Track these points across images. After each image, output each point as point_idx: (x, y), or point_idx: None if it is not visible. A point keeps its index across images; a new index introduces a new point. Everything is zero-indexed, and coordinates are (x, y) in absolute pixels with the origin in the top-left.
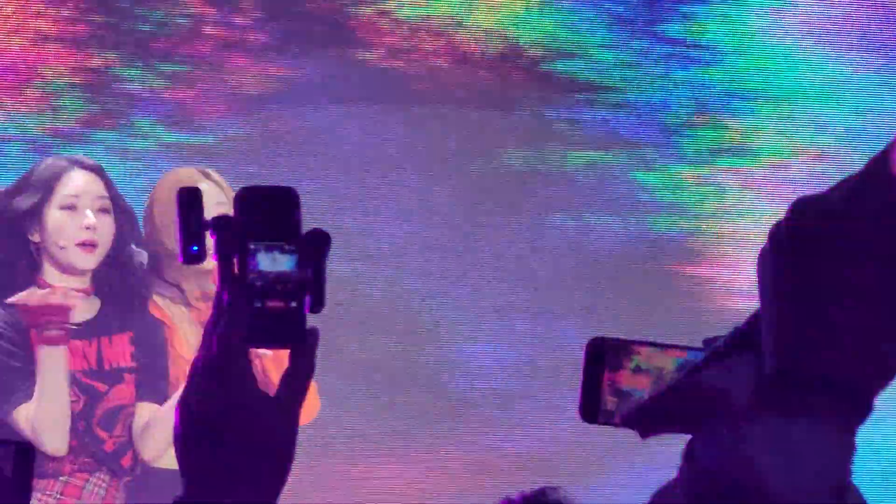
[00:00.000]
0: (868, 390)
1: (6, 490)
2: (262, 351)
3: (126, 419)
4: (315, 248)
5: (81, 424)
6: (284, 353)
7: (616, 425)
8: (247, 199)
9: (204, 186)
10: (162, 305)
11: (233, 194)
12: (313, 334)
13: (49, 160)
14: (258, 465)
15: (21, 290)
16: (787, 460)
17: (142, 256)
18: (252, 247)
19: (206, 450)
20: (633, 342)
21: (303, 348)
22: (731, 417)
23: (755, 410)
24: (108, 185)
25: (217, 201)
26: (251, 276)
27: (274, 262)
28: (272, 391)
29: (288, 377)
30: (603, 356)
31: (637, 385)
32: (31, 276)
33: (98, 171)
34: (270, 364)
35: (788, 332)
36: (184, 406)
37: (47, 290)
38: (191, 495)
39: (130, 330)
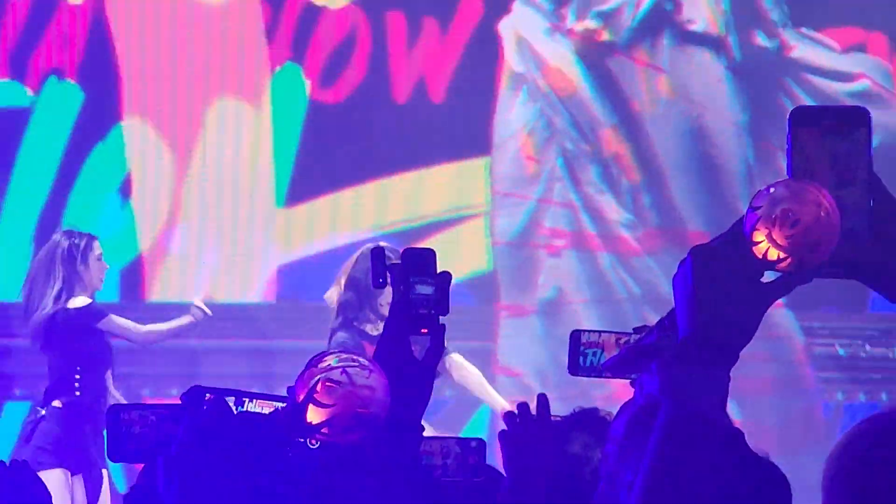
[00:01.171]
0: (736, 348)
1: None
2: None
3: None
4: (443, 281)
5: None
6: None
7: (590, 375)
8: (407, 254)
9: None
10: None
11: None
12: (443, 327)
13: None
14: (413, 393)
15: None
16: (693, 386)
17: None
18: (412, 280)
19: (394, 380)
20: (597, 330)
21: (436, 334)
22: (663, 364)
23: (676, 360)
24: None
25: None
26: (412, 295)
27: (423, 288)
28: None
29: (428, 350)
30: (580, 336)
31: (599, 348)
32: None
33: None
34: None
35: (693, 317)
36: (378, 360)
37: None
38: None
39: None
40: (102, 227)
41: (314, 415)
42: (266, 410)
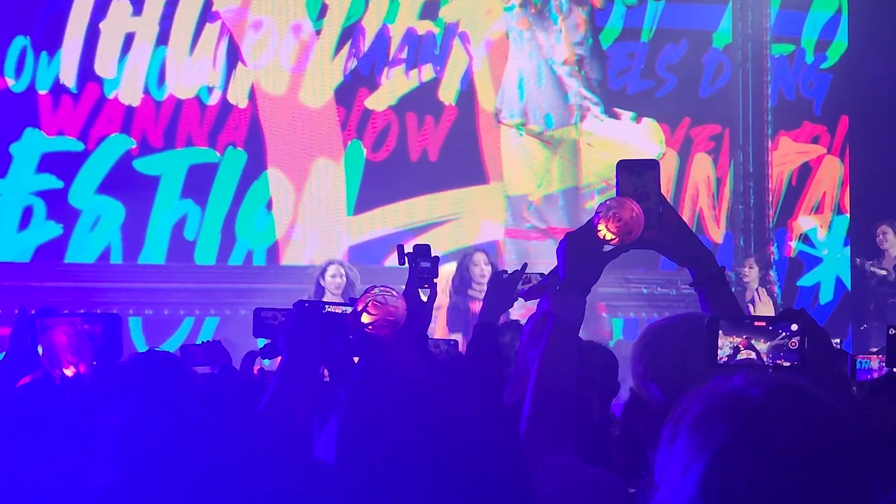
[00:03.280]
0: (589, 286)
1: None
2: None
3: None
4: (434, 260)
5: None
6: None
7: (517, 296)
8: (416, 247)
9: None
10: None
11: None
12: (435, 284)
13: None
14: (420, 316)
15: None
16: (566, 307)
17: None
18: (418, 260)
19: (411, 308)
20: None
21: (432, 287)
22: (552, 293)
23: (558, 291)
24: None
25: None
26: (418, 268)
27: (424, 263)
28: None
29: (428, 296)
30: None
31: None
32: None
33: None
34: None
35: (566, 269)
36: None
37: None
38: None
39: None
40: (257, 227)
41: (365, 318)
42: (340, 311)
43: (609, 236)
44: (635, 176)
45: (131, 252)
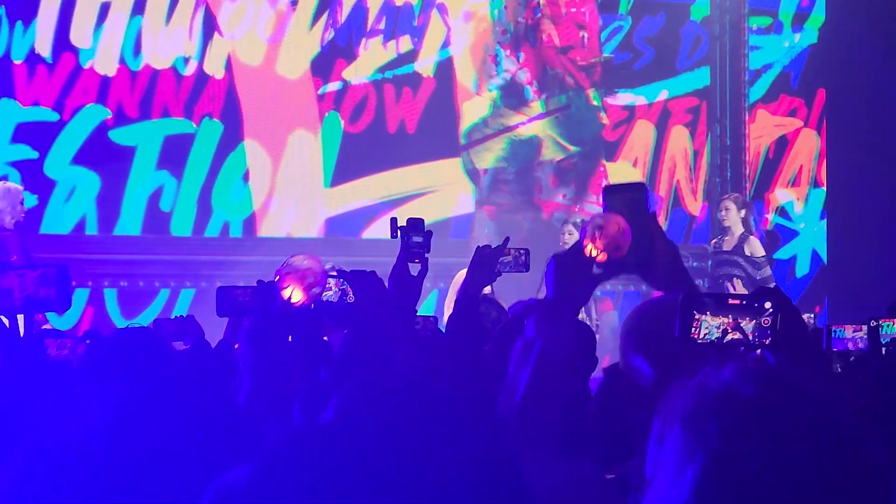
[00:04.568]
0: (578, 308)
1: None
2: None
3: None
4: (427, 235)
5: None
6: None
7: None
8: (409, 220)
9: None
10: None
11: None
12: (426, 259)
13: None
14: (410, 291)
15: None
16: (554, 329)
17: None
18: (411, 234)
19: (400, 285)
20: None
21: (423, 263)
22: (539, 313)
23: (546, 311)
24: None
25: None
26: (410, 242)
27: (416, 238)
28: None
29: (419, 271)
30: None
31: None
32: None
33: None
34: None
35: (555, 290)
36: (393, 275)
37: None
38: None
39: None
40: (233, 198)
41: (294, 294)
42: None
43: (596, 253)
44: (621, 199)
45: (107, 223)
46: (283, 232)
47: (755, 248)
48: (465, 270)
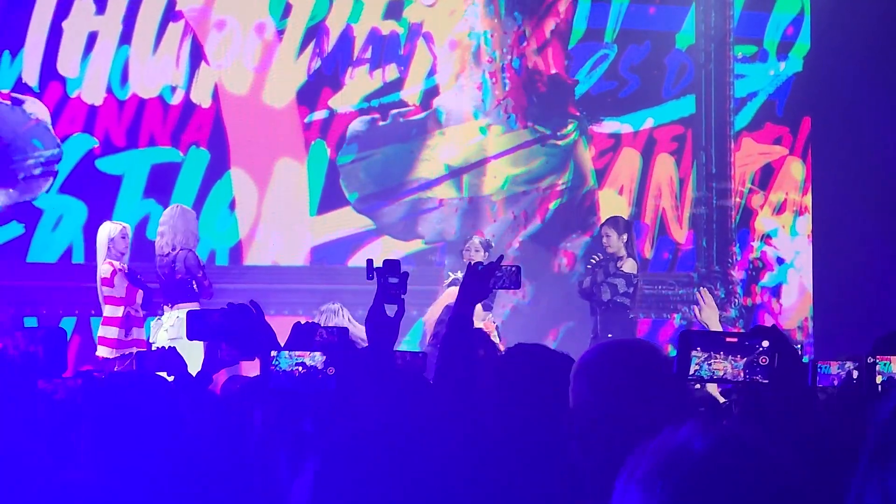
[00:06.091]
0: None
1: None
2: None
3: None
4: (403, 275)
5: None
6: None
7: None
8: (385, 262)
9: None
10: None
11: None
12: (403, 300)
13: None
14: (387, 332)
15: None
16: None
17: None
18: (387, 275)
19: (376, 326)
20: None
21: (399, 304)
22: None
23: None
24: None
25: None
26: (387, 284)
27: (392, 279)
28: None
29: (395, 312)
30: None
31: None
32: None
33: None
34: None
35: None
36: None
37: None
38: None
39: None
40: (219, 226)
41: None
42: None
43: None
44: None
45: (93, 252)
46: (269, 260)
47: (629, 265)
48: (452, 289)
